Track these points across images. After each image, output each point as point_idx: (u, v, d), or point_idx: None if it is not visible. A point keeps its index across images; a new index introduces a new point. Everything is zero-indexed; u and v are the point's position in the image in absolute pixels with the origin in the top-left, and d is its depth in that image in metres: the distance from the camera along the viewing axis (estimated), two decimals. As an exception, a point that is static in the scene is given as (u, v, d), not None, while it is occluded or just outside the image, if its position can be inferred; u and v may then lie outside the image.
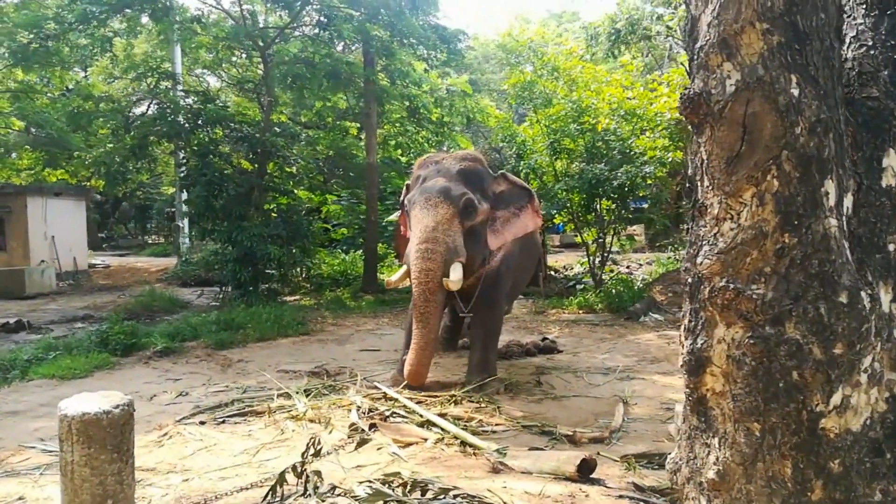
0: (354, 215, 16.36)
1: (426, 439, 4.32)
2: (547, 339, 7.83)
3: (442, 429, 4.45)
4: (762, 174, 2.12)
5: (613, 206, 10.30)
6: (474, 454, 4.05)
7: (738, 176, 2.17)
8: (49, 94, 18.50)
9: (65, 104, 12.71)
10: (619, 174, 9.24)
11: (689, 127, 2.33)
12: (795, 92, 2.07)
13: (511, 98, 11.23)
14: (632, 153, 9.70)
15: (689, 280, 2.45)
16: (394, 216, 15.26)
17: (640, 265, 14.18)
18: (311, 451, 3.18)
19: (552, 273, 13.70)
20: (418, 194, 5.06)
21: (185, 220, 17.82)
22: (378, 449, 4.16)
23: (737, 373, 2.26)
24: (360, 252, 14.99)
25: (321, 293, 12.38)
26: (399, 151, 15.53)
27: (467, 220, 5.05)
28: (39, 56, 12.96)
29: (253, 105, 13.74)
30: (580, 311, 9.87)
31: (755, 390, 2.22)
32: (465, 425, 4.55)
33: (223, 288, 11.36)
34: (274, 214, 11.42)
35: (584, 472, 3.54)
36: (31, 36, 11.32)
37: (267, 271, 11.03)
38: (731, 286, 2.22)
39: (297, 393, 5.36)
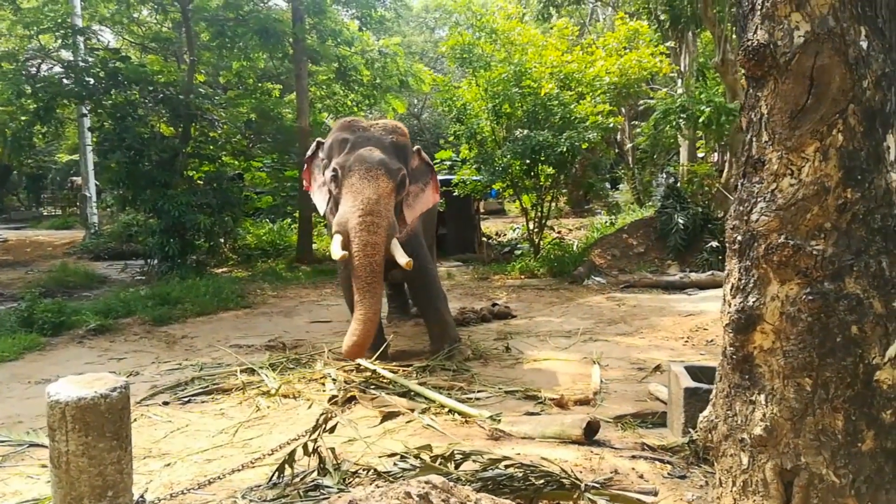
0: (280, 182, 15.73)
1: (412, 410, 4.19)
2: (497, 304, 7.84)
3: (427, 398, 4.34)
4: (827, 128, 2.10)
5: (553, 171, 10.37)
6: (466, 422, 3.97)
7: (801, 130, 2.13)
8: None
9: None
10: (563, 140, 9.27)
11: (747, 80, 2.27)
12: (864, 44, 2.05)
13: (450, 60, 11.02)
14: (573, 119, 9.74)
15: (739, 238, 2.42)
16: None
17: (570, 230, 14.44)
18: (322, 426, 2.97)
19: (486, 239, 13.76)
20: (355, 162, 4.82)
21: (93, 190, 16.62)
22: (364, 422, 4.01)
23: (790, 329, 2.26)
24: (288, 221, 14.47)
25: (251, 264, 11.88)
26: (325, 115, 14.96)
27: (398, 196, 4.99)
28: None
29: (168, 65, 12.83)
30: (523, 277, 9.95)
31: (810, 346, 2.23)
32: (449, 394, 4.46)
33: (148, 261, 10.65)
34: (200, 182, 10.77)
35: (588, 434, 3.54)
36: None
37: (195, 242, 10.43)
38: (790, 243, 2.20)
39: (262, 368, 5.10)
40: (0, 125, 12.43)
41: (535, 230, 11.01)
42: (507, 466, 2.43)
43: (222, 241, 11.55)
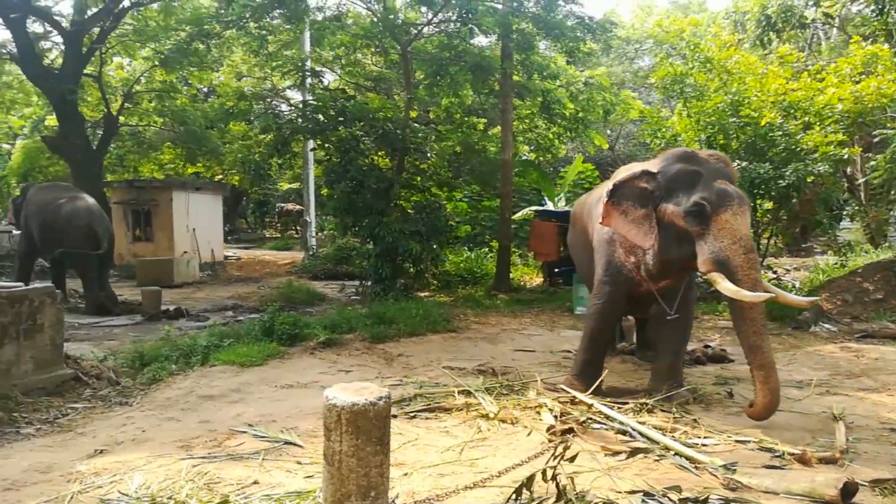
0: (478, 212, 16.27)
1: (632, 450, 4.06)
2: (710, 346, 7.42)
3: (649, 439, 4.19)
4: None
5: (773, 206, 9.62)
6: (695, 468, 3.76)
7: None
8: (189, 94, 19.66)
9: (216, 103, 13.39)
10: (787, 173, 8.58)
11: None
12: None
13: (659, 91, 10.74)
14: (798, 150, 8.99)
15: None
16: (522, 213, 15.09)
17: (787, 270, 13.24)
18: (562, 454, 2.99)
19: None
20: (723, 198, 4.59)
21: (313, 216, 18.36)
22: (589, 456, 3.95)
23: None
24: (485, 250, 14.88)
25: (451, 290, 12.33)
26: (525, 147, 15.24)
27: None
28: (188, 54, 13.79)
29: (383, 100, 13.87)
30: (735, 318, 9.27)
31: None
32: (673, 437, 4.26)
33: (363, 282, 11.52)
34: (411, 211, 11.47)
35: (844, 496, 3.19)
36: (193, 31, 11.95)
37: (405, 266, 11.08)
38: None
39: (478, 391, 5.25)
40: (241, 157, 14.28)
41: (749, 269, 10.22)
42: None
43: (427, 266, 12.12)
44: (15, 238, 14.39)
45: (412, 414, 4.80)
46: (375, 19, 12.07)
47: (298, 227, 26.17)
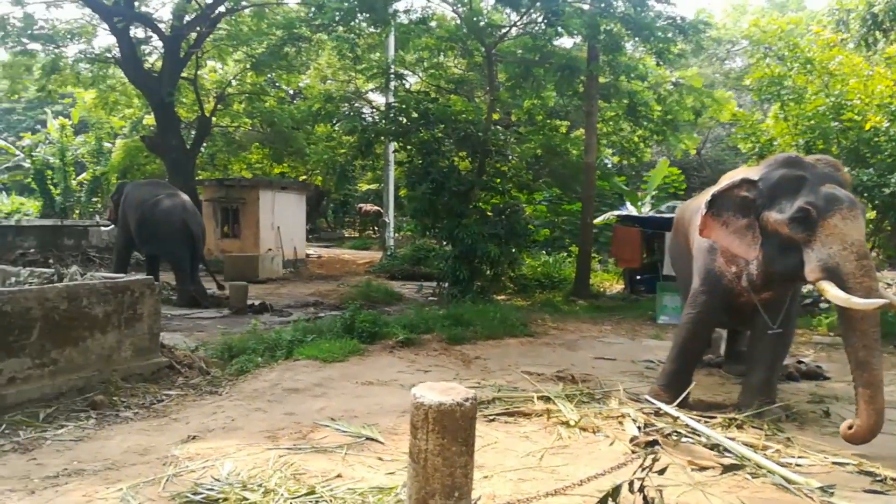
0: (557, 216, 16.09)
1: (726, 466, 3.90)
2: (803, 362, 7.05)
3: (740, 455, 4.01)
4: None
5: (876, 215, 9.05)
6: (789, 489, 3.57)
7: None
8: (277, 96, 20.38)
9: (303, 105, 13.85)
10: (893, 181, 8.06)
11: None
12: None
13: (754, 93, 10.30)
14: (907, 156, 8.44)
15: None
16: (604, 218, 14.81)
17: (889, 285, 12.40)
18: (650, 466, 2.90)
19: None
20: (831, 202, 4.35)
21: (392, 217, 18.63)
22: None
23: None
24: (564, 254, 14.68)
25: (528, 294, 12.23)
26: (609, 151, 14.93)
27: None
28: (278, 58, 14.31)
29: (465, 103, 13.92)
30: (832, 334, 8.77)
31: None
32: (765, 455, 4.07)
33: (440, 283, 11.59)
34: (490, 213, 11.45)
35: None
36: (284, 35, 12.40)
37: (482, 268, 11.07)
38: None
39: (558, 398, 5.16)
40: (327, 158, 14.66)
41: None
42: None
43: (504, 269, 12.05)
44: (113, 232, 15.16)
45: (491, 417, 4.78)
46: (459, 21, 12.12)
47: (377, 228, 26.60)
